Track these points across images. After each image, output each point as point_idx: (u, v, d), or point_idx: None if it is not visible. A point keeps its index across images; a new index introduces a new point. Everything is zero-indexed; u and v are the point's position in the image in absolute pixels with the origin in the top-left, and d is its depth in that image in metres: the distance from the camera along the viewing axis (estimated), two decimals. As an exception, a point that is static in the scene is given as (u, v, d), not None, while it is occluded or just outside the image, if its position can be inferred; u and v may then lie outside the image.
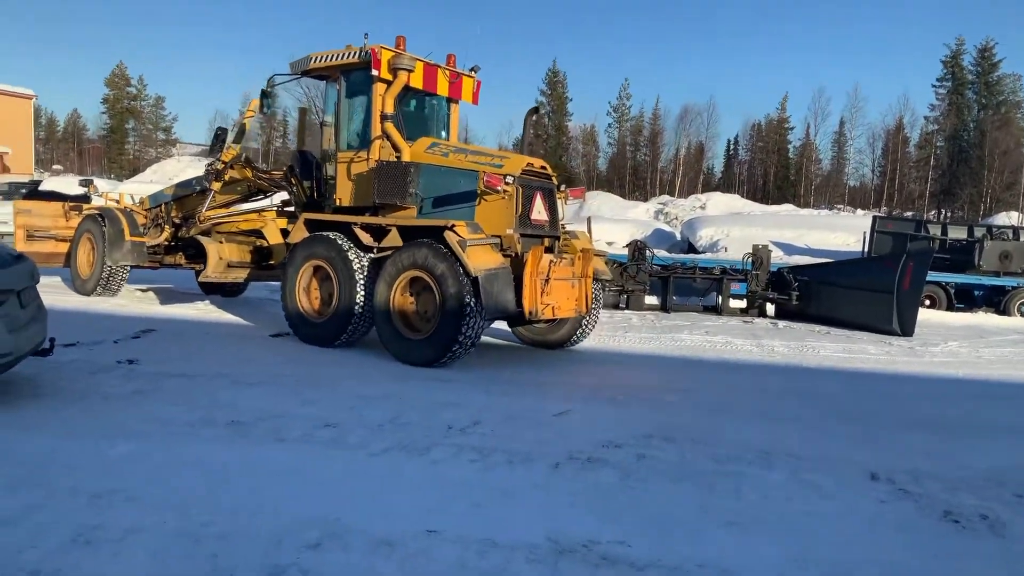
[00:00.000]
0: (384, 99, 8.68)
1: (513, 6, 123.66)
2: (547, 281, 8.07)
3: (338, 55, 9.14)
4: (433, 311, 7.89)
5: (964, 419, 7.09)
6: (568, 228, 9.45)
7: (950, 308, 17.82)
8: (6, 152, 57.67)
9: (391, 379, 7.21)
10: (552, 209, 8.88)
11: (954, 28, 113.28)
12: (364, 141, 9.12)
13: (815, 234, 29.87)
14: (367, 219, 8.74)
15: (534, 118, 10.10)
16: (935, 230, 20.99)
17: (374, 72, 8.68)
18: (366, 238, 8.56)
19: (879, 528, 4.09)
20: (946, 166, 66.04)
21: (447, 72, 9.61)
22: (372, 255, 8.56)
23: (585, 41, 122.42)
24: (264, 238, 10.40)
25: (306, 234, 9.08)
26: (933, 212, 61.93)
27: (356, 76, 9.18)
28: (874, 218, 22.63)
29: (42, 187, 30.75)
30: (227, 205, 11.47)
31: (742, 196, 57.48)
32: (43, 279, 12.61)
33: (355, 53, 8.92)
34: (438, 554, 3.43)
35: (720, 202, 45.13)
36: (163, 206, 12.20)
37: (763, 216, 35.90)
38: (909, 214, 53.80)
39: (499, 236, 8.13)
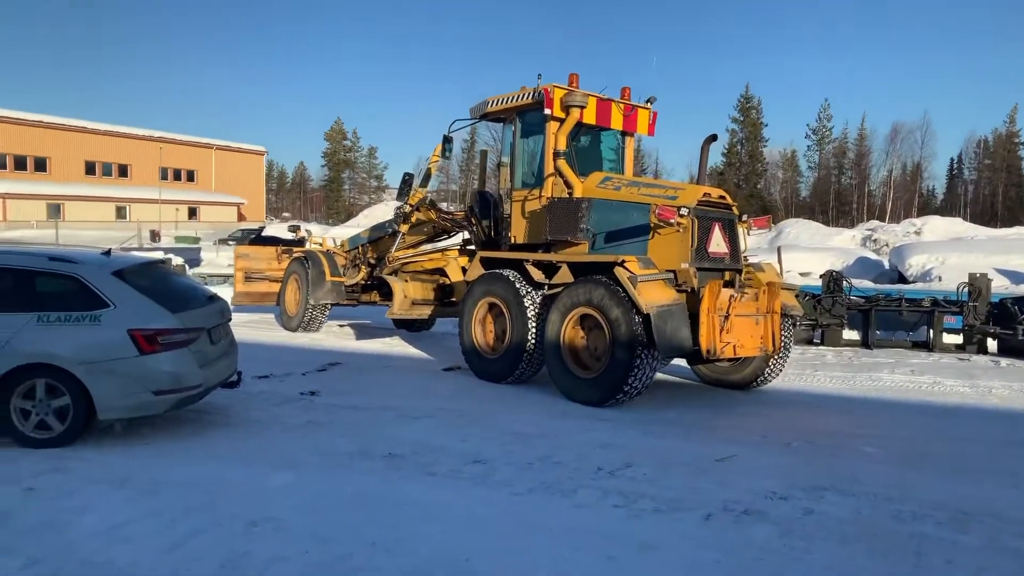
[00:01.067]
0: (557, 137, 8.76)
1: (707, 34, 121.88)
2: (727, 317, 7.54)
3: (513, 97, 9.39)
4: (603, 349, 7.71)
5: None
6: (753, 260, 8.91)
7: None
8: (242, 203, 65.28)
9: (549, 416, 7.15)
10: (733, 241, 8.37)
11: None
12: (538, 179, 9.27)
13: (1049, 260, 26.12)
14: (538, 256, 8.81)
15: (711, 146, 9.74)
16: None
17: (547, 111, 8.80)
18: (537, 275, 8.61)
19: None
20: None
21: (621, 106, 9.54)
22: (544, 292, 8.59)
23: (780, 63, 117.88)
24: (447, 276, 10.83)
25: (482, 271, 9.34)
26: None
27: (530, 116, 9.36)
28: None
29: (264, 233, 34.43)
30: (415, 245, 12.12)
31: (966, 219, 51.91)
32: (258, 316, 14.12)
33: (529, 94, 9.11)
34: (562, 608, 3.30)
35: (938, 226, 40.80)
36: (360, 248, 13.14)
37: (987, 241, 31.97)
38: None
39: (674, 271, 7.76)
